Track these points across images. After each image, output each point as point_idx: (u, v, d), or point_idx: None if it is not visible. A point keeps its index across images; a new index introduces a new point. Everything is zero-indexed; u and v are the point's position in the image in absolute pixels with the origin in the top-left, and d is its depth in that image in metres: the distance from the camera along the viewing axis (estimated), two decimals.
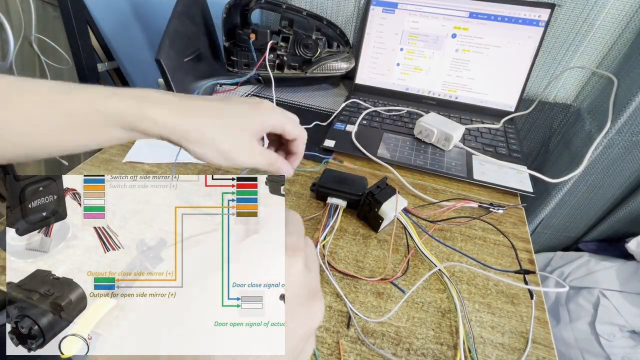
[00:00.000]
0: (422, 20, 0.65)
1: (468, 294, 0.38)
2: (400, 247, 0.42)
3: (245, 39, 0.68)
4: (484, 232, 0.45)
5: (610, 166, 0.65)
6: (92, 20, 0.97)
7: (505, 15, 0.61)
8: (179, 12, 0.60)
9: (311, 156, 0.55)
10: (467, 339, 0.33)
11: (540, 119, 0.74)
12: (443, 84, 0.68)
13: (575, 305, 0.69)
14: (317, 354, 0.31)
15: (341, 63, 0.68)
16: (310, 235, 0.43)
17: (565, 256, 0.78)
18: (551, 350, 0.33)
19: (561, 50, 0.65)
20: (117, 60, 1.08)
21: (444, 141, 0.56)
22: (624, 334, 0.63)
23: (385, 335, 0.33)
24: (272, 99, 0.63)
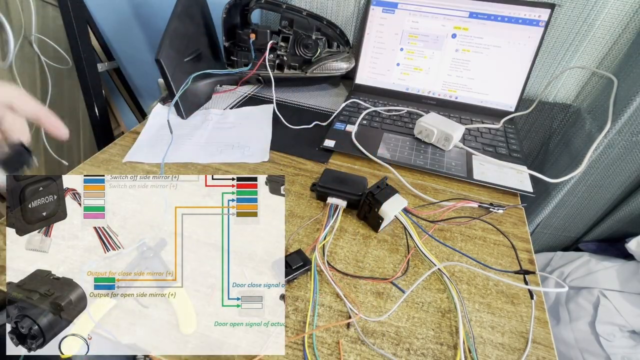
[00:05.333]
0: (422, 20, 0.65)
1: (468, 294, 0.38)
2: (400, 247, 0.42)
3: (245, 39, 0.68)
4: (484, 232, 0.45)
5: (611, 166, 0.65)
6: (92, 20, 0.97)
7: (505, 15, 0.61)
8: (179, 12, 0.60)
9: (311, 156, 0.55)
10: (467, 339, 0.33)
11: (540, 119, 0.74)
12: (443, 84, 0.68)
13: (575, 305, 0.69)
14: (317, 354, 0.31)
15: (341, 63, 0.68)
16: (310, 235, 0.43)
17: (565, 256, 0.78)
18: (551, 350, 0.33)
19: (561, 50, 0.65)
20: (117, 60, 1.08)
21: (444, 141, 0.56)
22: (624, 334, 0.63)
23: (385, 335, 0.34)
24: (272, 99, 0.63)
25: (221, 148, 0.55)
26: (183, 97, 0.60)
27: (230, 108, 0.66)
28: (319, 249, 0.40)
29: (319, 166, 0.54)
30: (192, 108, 0.63)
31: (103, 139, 1.00)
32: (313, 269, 0.38)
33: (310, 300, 0.35)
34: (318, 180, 0.46)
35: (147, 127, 0.59)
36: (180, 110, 0.61)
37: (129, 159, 0.52)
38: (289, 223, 0.44)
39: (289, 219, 0.44)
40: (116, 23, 0.99)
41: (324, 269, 0.37)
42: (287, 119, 0.61)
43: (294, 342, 0.32)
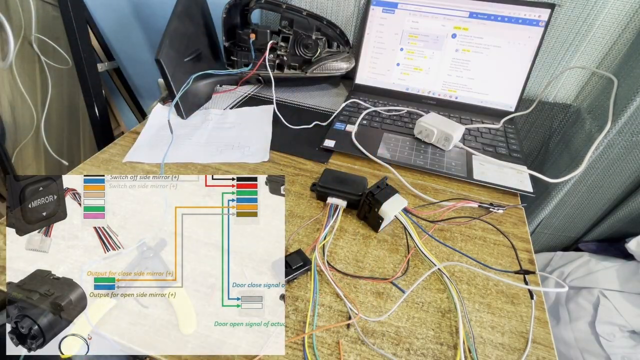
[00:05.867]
0: (422, 20, 0.65)
1: (468, 294, 0.38)
2: (400, 247, 0.42)
3: (245, 39, 0.68)
4: (484, 232, 0.45)
5: (611, 166, 0.65)
6: (92, 20, 0.97)
7: (505, 15, 0.61)
8: (179, 12, 0.60)
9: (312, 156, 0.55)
10: (467, 339, 0.33)
11: (540, 119, 0.74)
12: (443, 84, 0.68)
13: (575, 305, 0.69)
14: (317, 354, 0.31)
15: (341, 63, 0.68)
16: (310, 235, 0.43)
17: (565, 256, 0.78)
18: (551, 350, 0.33)
19: (561, 50, 0.65)
20: (117, 60, 1.08)
21: (444, 141, 0.56)
22: (624, 334, 0.63)
23: (385, 335, 0.34)
24: (272, 99, 0.63)
25: (221, 148, 0.55)
26: (183, 97, 0.60)
27: (230, 108, 0.66)
28: (319, 249, 0.40)
29: (319, 166, 0.54)
30: (192, 108, 0.63)
31: (103, 139, 0.99)
32: (313, 269, 0.38)
33: (310, 300, 0.35)
34: (318, 180, 0.46)
35: (147, 127, 0.59)
36: (180, 110, 0.61)
37: (129, 159, 0.52)
38: (289, 223, 0.44)
39: (289, 219, 0.44)
40: (116, 23, 0.99)
41: (324, 269, 0.37)
42: (287, 119, 0.61)
43: (294, 342, 0.32)
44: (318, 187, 0.46)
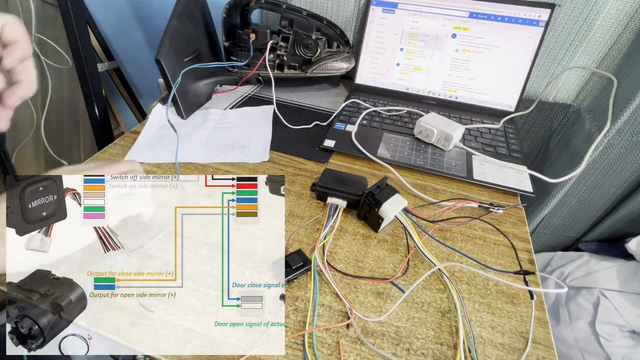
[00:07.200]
0: (422, 20, 0.65)
1: (468, 294, 0.38)
2: (400, 247, 0.42)
3: (245, 39, 0.68)
4: (484, 232, 0.45)
5: (610, 166, 0.65)
6: (92, 20, 0.97)
7: (505, 15, 0.61)
8: (179, 12, 0.60)
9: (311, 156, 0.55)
10: (467, 339, 0.33)
11: (540, 119, 0.74)
12: (443, 84, 0.68)
13: (575, 305, 0.69)
14: (317, 354, 0.31)
15: (341, 63, 0.68)
16: (310, 235, 0.43)
17: (565, 256, 0.78)
18: (551, 350, 0.33)
19: (561, 50, 0.65)
20: (117, 60, 1.08)
21: (444, 141, 0.56)
22: (624, 334, 0.63)
23: (385, 335, 0.34)
24: (272, 99, 0.63)
25: (221, 148, 0.55)
26: (183, 97, 0.60)
27: (230, 108, 0.66)
28: (319, 249, 0.40)
29: (319, 166, 0.54)
30: (192, 108, 0.63)
31: (103, 139, 0.99)
32: (313, 269, 0.38)
33: (310, 300, 0.35)
34: (318, 180, 0.46)
35: (147, 127, 0.59)
36: (180, 110, 0.61)
37: (129, 159, 0.52)
38: (289, 223, 0.44)
39: (289, 219, 0.44)
40: (116, 23, 0.99)
41: (323, 269, 0.37)
42: (287, 119, 0.61)
43: (294, 342, 0.32)
44: (318, 187, 0.46)
